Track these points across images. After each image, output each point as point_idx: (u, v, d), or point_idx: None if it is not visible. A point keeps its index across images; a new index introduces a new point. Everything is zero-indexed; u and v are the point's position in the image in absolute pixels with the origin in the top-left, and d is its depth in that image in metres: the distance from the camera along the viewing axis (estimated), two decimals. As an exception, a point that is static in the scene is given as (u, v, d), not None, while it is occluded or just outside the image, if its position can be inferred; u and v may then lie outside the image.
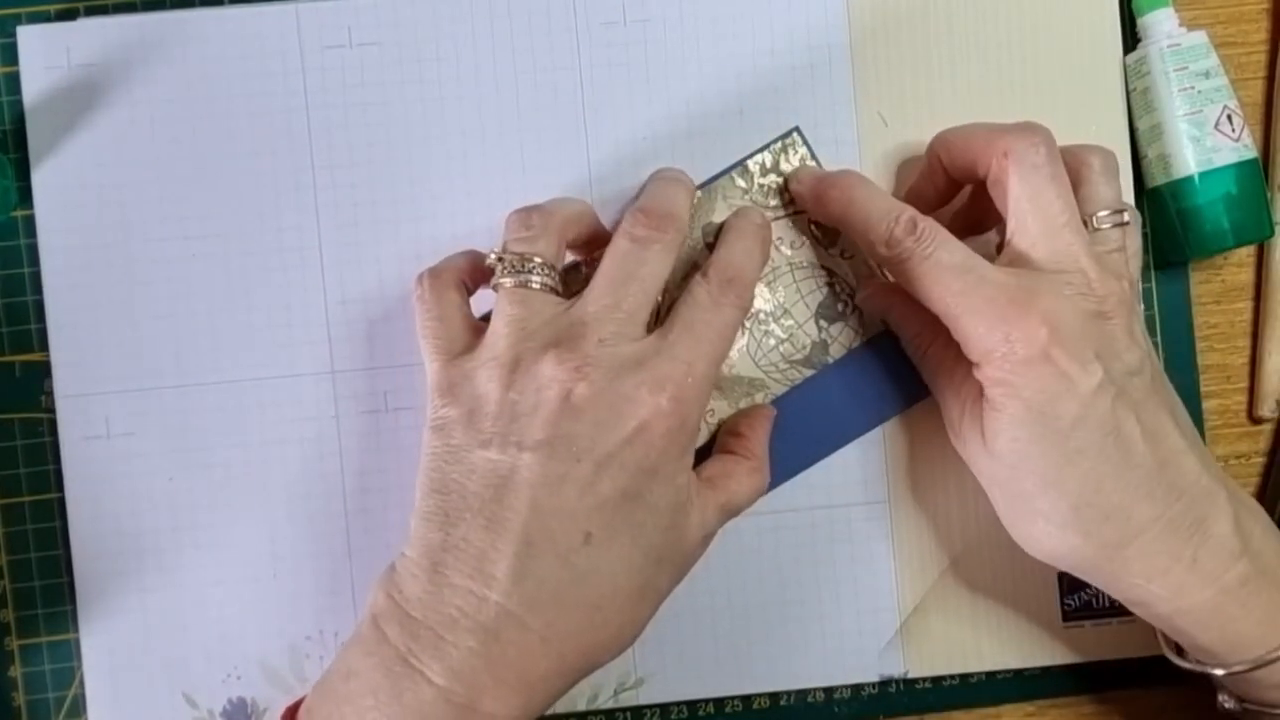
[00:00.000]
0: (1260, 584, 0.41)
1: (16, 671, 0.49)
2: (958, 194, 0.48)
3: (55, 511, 0.48)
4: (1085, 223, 0.43)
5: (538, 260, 0.42)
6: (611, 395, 0.40)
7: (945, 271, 0.42)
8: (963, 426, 0.44)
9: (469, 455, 0.40)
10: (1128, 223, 0.44)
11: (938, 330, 0.44)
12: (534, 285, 0.42)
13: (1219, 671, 0.42)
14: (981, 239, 0.48)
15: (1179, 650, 0.45)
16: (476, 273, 0.45)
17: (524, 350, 0.41)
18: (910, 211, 0.44)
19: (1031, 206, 0.42)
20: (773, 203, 0.49)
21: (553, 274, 0.43)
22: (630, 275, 0.42)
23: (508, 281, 0.42)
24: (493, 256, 0.43)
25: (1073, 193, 0.43)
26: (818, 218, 0.48)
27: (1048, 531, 0.42)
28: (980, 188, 0.46)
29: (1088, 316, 0.41)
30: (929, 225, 0.43)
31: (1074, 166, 0.44)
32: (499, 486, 0.40)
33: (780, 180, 0.49)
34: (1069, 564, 0.43)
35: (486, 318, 0.43)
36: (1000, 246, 0.44)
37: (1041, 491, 0.42)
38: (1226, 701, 0.44)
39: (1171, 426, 0.42)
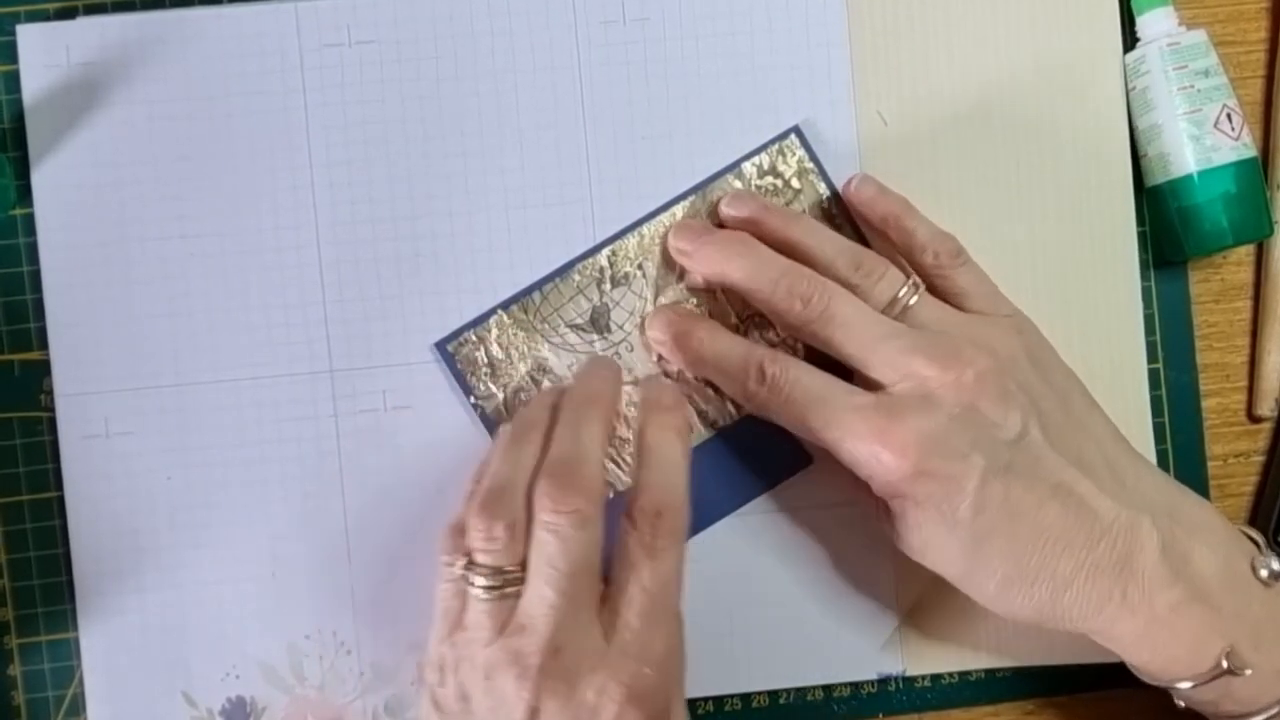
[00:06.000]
0: (1192, 609, 0.41)
1: (16, 670, 0.49)
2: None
3: (54, 510, 0.48)
4: (919, 268, 0.45)
5: (511, 572, 0.40)
6: (575, 709, 0.39)
7: (804, 410, 0.43)
8: (882, 524, 0.45)
9: None
10: (963, 261, 0.46)
11: None
12: (509, 594, 0.40)
13: (1158, 683, 0.43)
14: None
15: None
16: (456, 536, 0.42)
17: (492, 659, 0.40)
18: (758, 360, 0.44)
19: (841, 347, 0.43)
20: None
21: (521, 572, 0.41)
22: (560, 568, 0.40)
23: (481, 594, 0.40)
24: (460, 566, 0.41)
25: (893, 263, 0.45)
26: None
27: (987, 601, 0.43)
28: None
29: (949, 416, 0.42)
30: (779, 369, 0.44)
31: (888, 227, 0.46)
32: None
33: (778, 182, 0.49)
34: (1019, 621, 0.43)
35: None
36: None
37: (967, 575, 0.43)
38: (1180, 701, 0.45)
39: (1076, 473, 0.42)
